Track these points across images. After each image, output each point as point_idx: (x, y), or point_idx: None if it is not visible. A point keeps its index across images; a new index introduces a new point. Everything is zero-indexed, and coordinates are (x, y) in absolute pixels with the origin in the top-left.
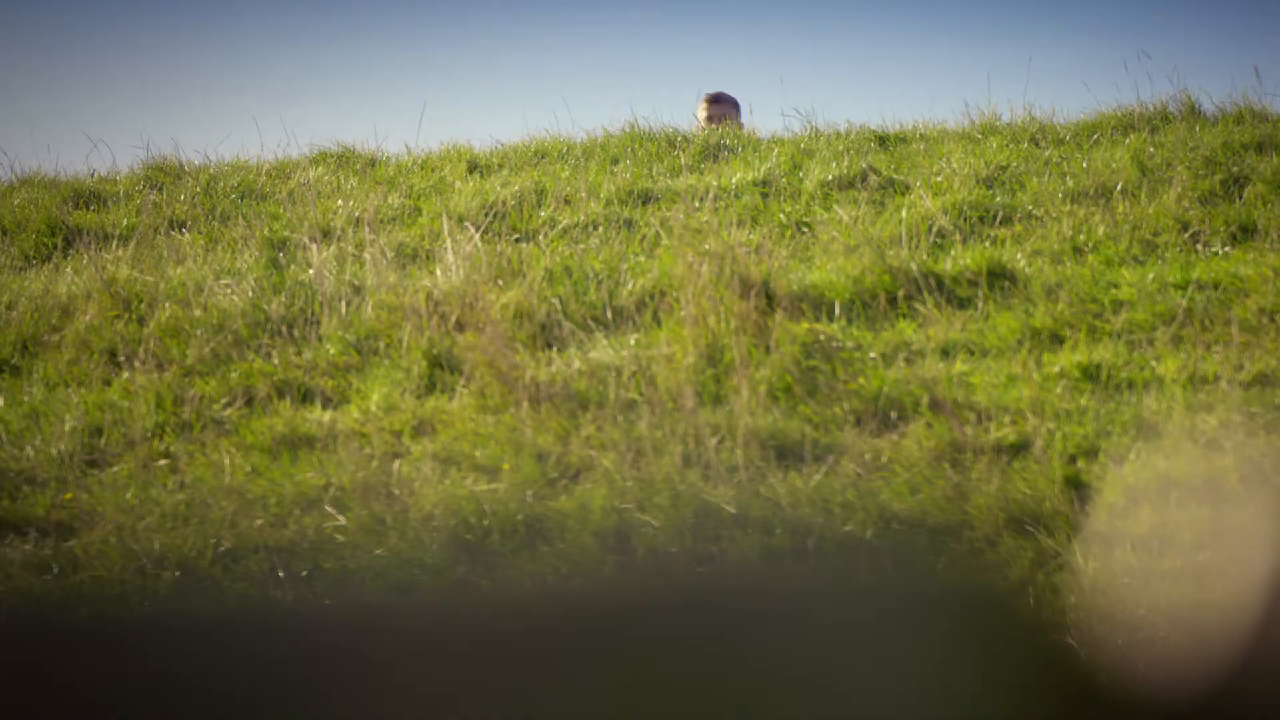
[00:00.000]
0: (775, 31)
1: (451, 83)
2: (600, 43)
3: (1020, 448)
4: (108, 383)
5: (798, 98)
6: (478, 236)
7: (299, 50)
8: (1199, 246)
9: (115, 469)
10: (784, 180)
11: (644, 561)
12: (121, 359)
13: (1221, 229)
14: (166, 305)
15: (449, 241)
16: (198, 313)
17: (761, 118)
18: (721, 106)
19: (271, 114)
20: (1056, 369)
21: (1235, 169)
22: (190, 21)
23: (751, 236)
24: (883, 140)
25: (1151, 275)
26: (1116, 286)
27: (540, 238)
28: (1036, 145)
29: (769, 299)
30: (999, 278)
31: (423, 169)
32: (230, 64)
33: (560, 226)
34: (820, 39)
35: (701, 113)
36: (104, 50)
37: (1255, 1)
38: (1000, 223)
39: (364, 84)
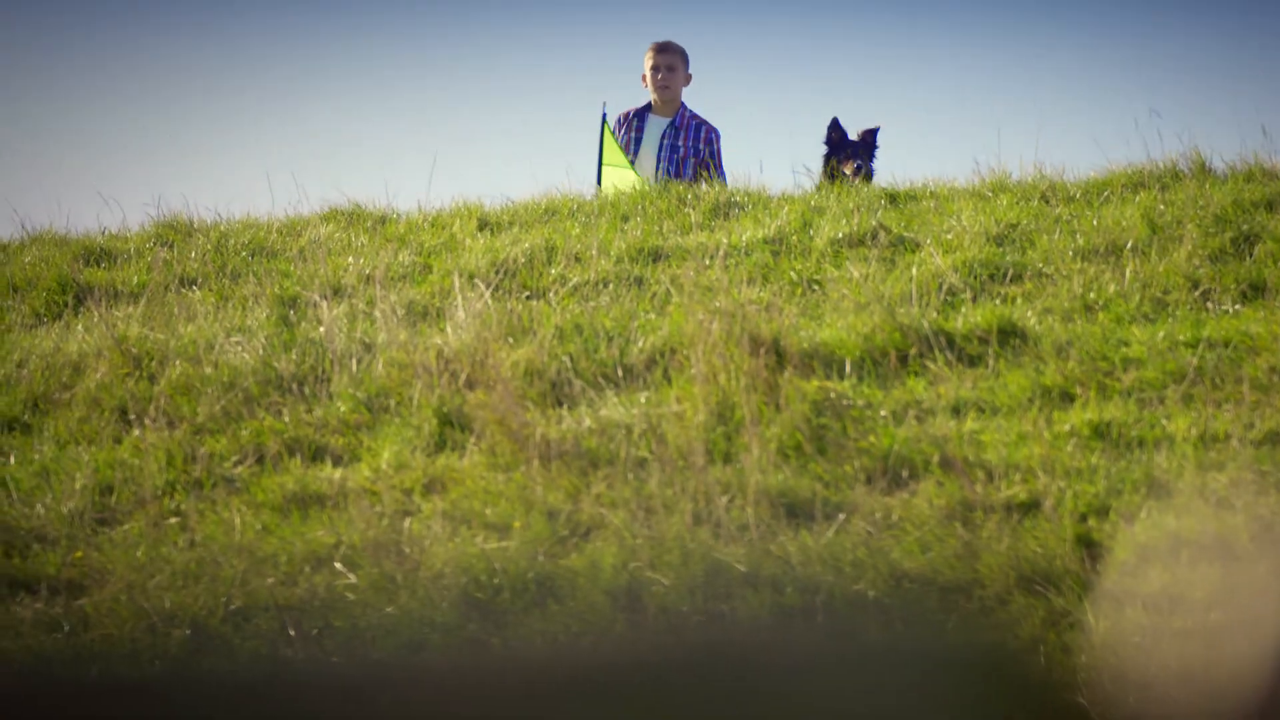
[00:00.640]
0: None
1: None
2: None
3: (1031, 506)
4: (118, 440)
5: (808, 155)
6: (488, 294)
7: (311, 107)
8: (1209, 304)
9: (126, 527)
10: (794, 238)
11: (655, 620)
12: (132, 417)
13: (1232, 287)
14: (177, 363)
15: (460, 299)
16: (208, 370)
17: (772, 174)
18: (668, 56)
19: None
20: (1067, 427)
21: (1246, 227)
22: (202, 77)
23: (762, 294)
24: (893, 198)
25: (1162, 333)
26: (1127, 344)
27: (551, 295)
28: (1047, 203)
29: (779, 357)
30: (1009, 335)
31: (433, 226)
32: (242, 121)
33: (571, 284)
34: (830, 96)
35: (648, 63)
36: (115, 107)
37: (1265, 60)
38: (1011, 280)
39: (375, 141)
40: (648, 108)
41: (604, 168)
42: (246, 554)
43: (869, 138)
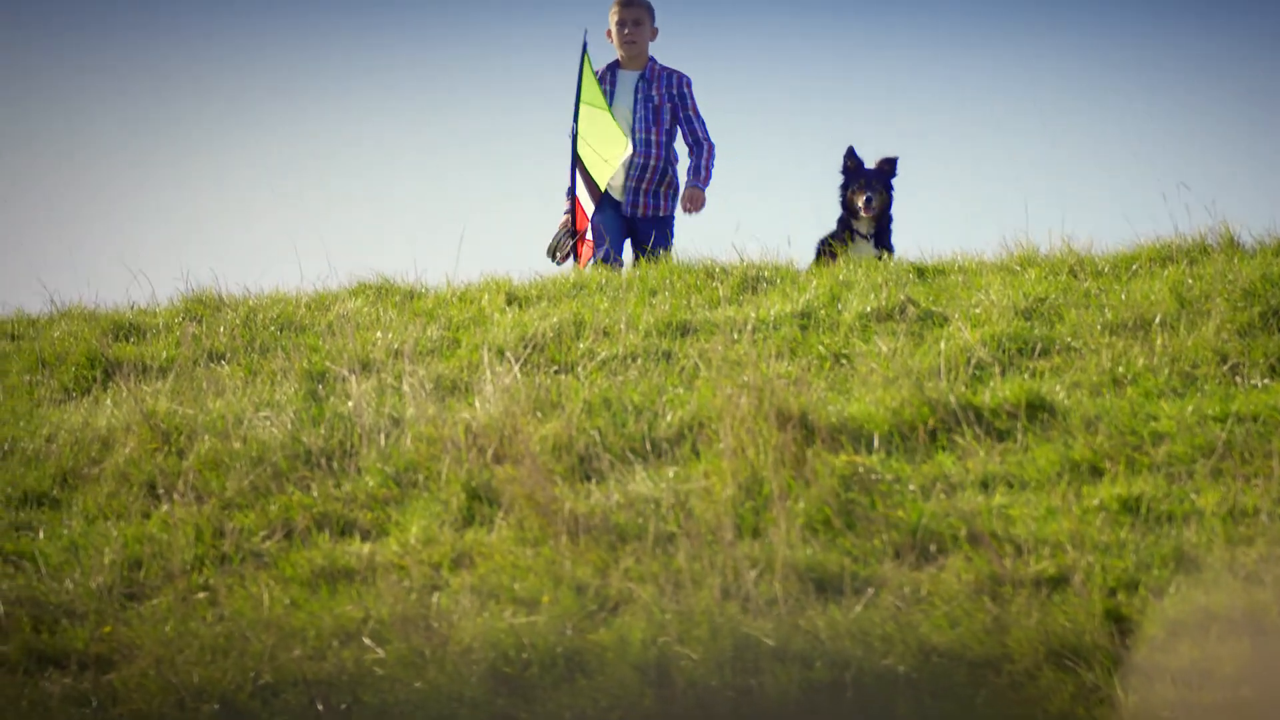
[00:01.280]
0: (808, 164)
1: (490, 215)
2: None
3: (1060, 581)
4: (147, 516)
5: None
6: (516, 368)
7: (339, 182)
8: (1238, 379)
9: (154, 602)
10: (822, 312)
11: (684, 695)
12: (161, 492)
13: (1261, 361)
14: (206, 438)
15: (488, 373)
16: (237, 445)
17: (800, 248)
18: (634, 10)
19: (312, 246)
20: (1096, 501)
21: (1274, 301)
22: (231, 153)
23: (790, 368)
24: (921, 272)
25: (1191, 408)
26: (1156, 419)
27: (579, 369)
28: (1075, 277)
29: (807, 431)
30: (1038, 410)
31: (461, 301)
32: (270, 196)
33: (599, 358)
34: None
35: (613, 18)
36: (145, 182)
37: None
38: (1039, 355)
39: (404, 216)
40: (615, 64)
41: (581, 105)
42: (275, 629)
43: (886, 167)
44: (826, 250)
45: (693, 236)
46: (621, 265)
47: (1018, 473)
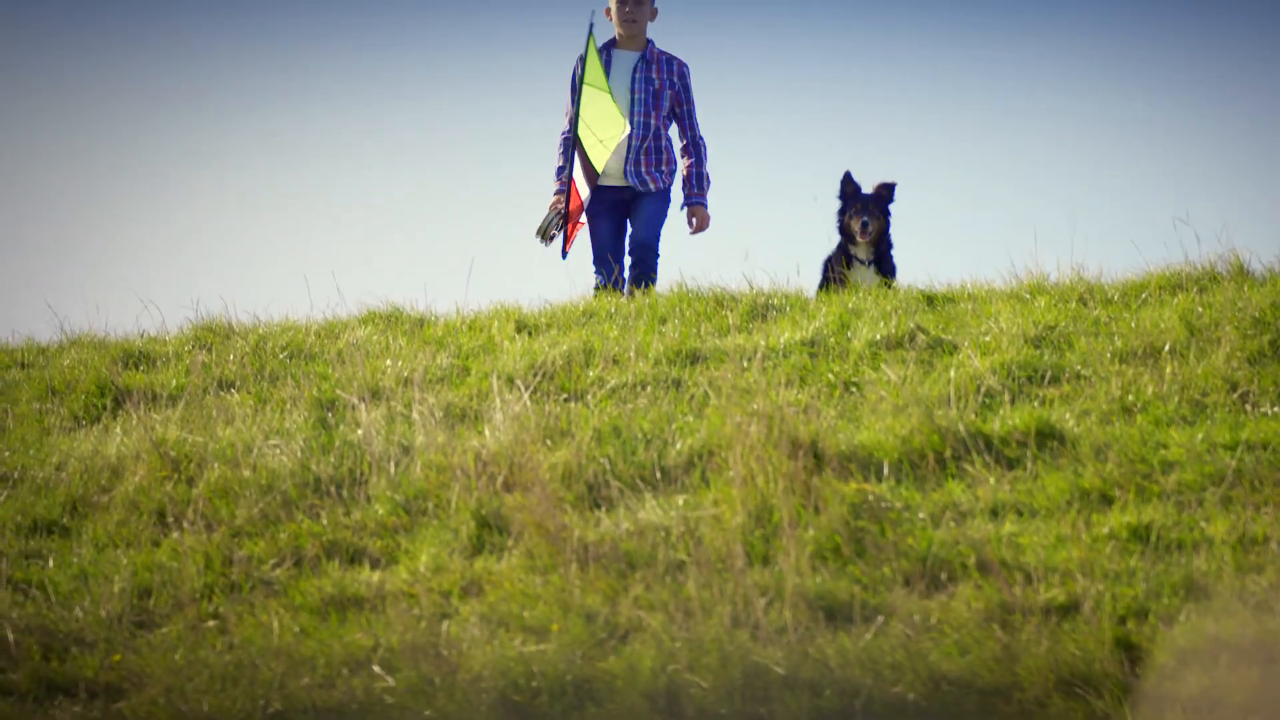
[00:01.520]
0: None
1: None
2: None
3: (1070, 609)
4: (156, 544)
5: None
6: (526, 396)
7: (349, 210)
8: (1248, 407)
9: (164, 630)
10: (832, 340)
11: None
12: (170, 520)
13: (1270, 389)
14: (215, 466)
15: (497, 401)
16: (246, 473)
17: (808, 277)
18: None
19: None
20: (1106, 529)
21: None
22: (241, 181)
23: (800, 396)
24: (930, 300)
25: (1200, 436)
26: (1165, 447)
27: (588, 397)
28: (1084, 305)
29: (817, 459)
30: (1047, 438)
31: (471, 329)
32: (280, 224)
33: (609, 386)
34: None
35: (612, 2)
36: (154, 210)
37: None
38: (1048, 383)
39: (413, 244)
40: (612, 43)
41: (584, 86)
42: (285, 657)
43: (884, 191)
44: (830, 273)
45: (703, 264)
46: (625, 280)
47: (1027, 501)
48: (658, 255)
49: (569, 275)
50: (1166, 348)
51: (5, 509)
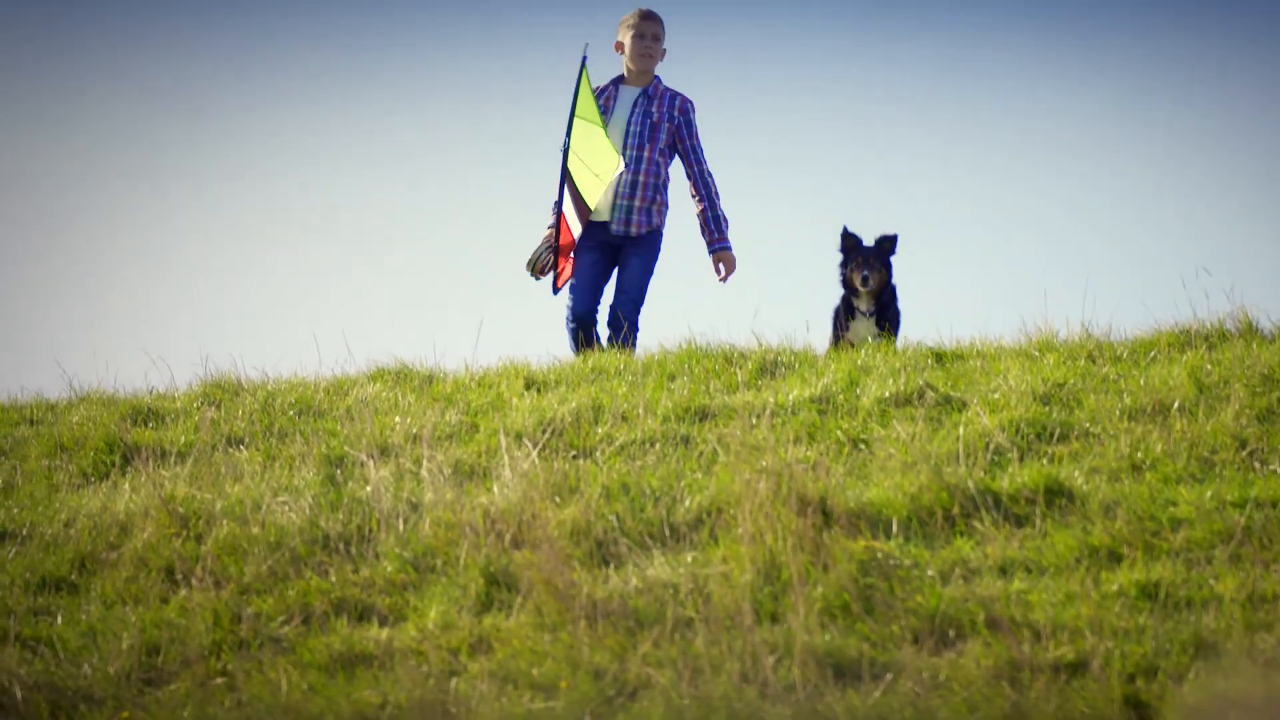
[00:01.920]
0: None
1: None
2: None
3: (1079, 666)
4: (165, 601)
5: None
6: (535, 453)
7: (358, 268)
8: (1257, 464)
9: (172, 687)
10: (841, 397)
11: None
12: (179, 577)
13: None
14: (224, 523)
15: (506, 458)
16: (255, 530)
17: (818, 334)
18: (655, 24)
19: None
20: (1115, 587)
21: None
22: (251, 238)
23: (808, 453)
24: (940, 357)
25: (1209, 493)
26: (1174, 504)
27: (597, 454)
28: (1094, 362)
29: (826, 516)
30: (1056, 495)
31: (480, 386)
32: (290, 281)
33: (617, 443)
34: None
35: (632, 30)
36: (164, 267)
37: None
38: (1057, 440)
39: (422, 301)
40: (620, 79)
41: (575, 119)
42: (293, 714)
43: (886, 244)
44: (838, 324)
45: (712, 321)
46: (595, 319)
47: (1036, 558)
48: (636, 327)
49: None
50: (1175, 405)
51: (14, 566)
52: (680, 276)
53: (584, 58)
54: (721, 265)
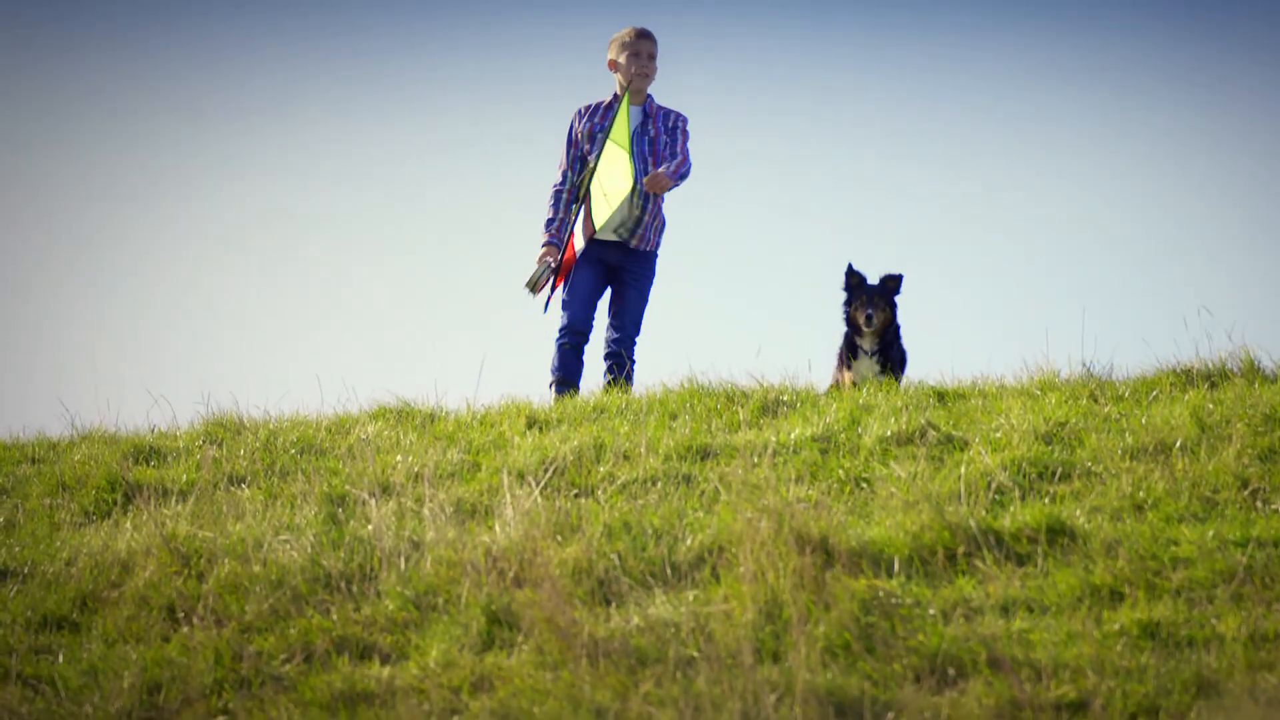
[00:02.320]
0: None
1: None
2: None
3: (1081, 706)
4: (166, 639)
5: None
6: (537, 492)
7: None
8: (1259, 504)
9: None
10: (842, 436)
11: None
12: (180, 615)
13: None
14: (225, 561)
15: (508, 497)
16: (257, 569)
17: (819, 374)
18: (651, 43)
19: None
20: (1116, 626)
21: None
22: (252, 276)
23: (810, 492)
24: (941, 396)
25: (1211, 533)
26: (1176, 544)
27: (599, 493)
28: (1095, 401)
29: (828, 555)
30: (1058, 534)
31: (482, 424)
32: (291, 319)
33: (619, 482)
34: None
35: (627, 49)
36: (166, 305)
37: None
38: (1059, 479)
39: (424, 340)
40: (614, 99)
41: (609, 142)
42: None
43: (891, 283)
44: (842, 360)
45: (713, 360)
46: (587, 337)
47: (1038, 597)
48: (633, 359)
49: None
50: (1177, 444)
51: (15, 604)
52: (682, 315)
53: (626, 88)
54: (653, 181)
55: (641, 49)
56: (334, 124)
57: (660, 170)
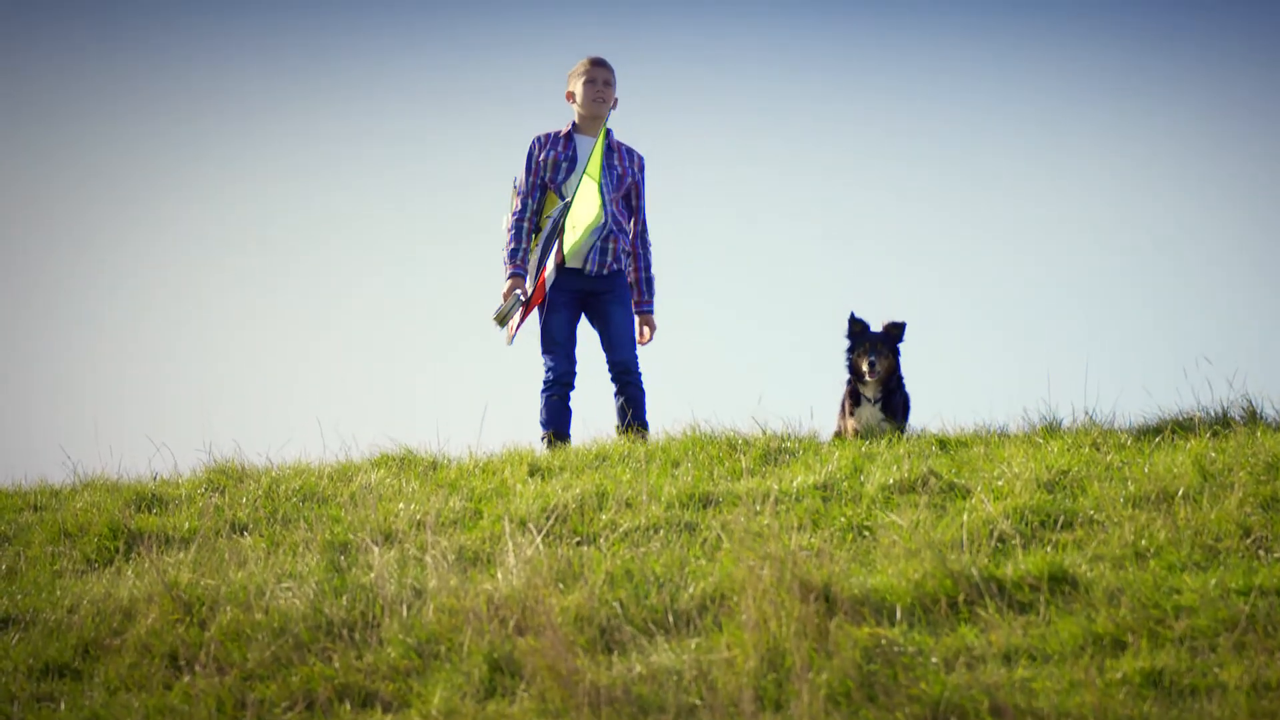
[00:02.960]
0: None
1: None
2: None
3: None
4: (169, 687)
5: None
6: (539, 539)
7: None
8: (1261, 552)
9: None
10: (845, 484)
11: None
12: (182, 663)
13: None
14: (228, 609)
15: (510, 545)
16: (259, 616)
17: (821, 421)
18: (607, 70)
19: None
20: (1119, 675)
21: None
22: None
23: (812, 540)
24: (943, 444)
25: (1214, 581)
26: (1179, 592)
27: (601, 541)
28: (1097, 449)
29: (830, 603)
30: (1060, 583)
31: (484, 472)
32: (294, 368)
33: (621, 530)
34: None
35: (582, 77)
36: (168, 354)
37: None
38: (1061, 527)
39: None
40: (574, 129)
41: (585, 177)
42: None
43: (894, 331)
44: (845, 408)
45: (715, 408)
46: (573, 384)
47: (1040, 646)
48: (640, 373)
49: (583, 420)
50: (1180, 493)
51: (17, 652)
52: (684, 362)
53: (609, 130)
54: (646, 329)
55: (596, 76)
56: (340, 174)
57: (649, 316)
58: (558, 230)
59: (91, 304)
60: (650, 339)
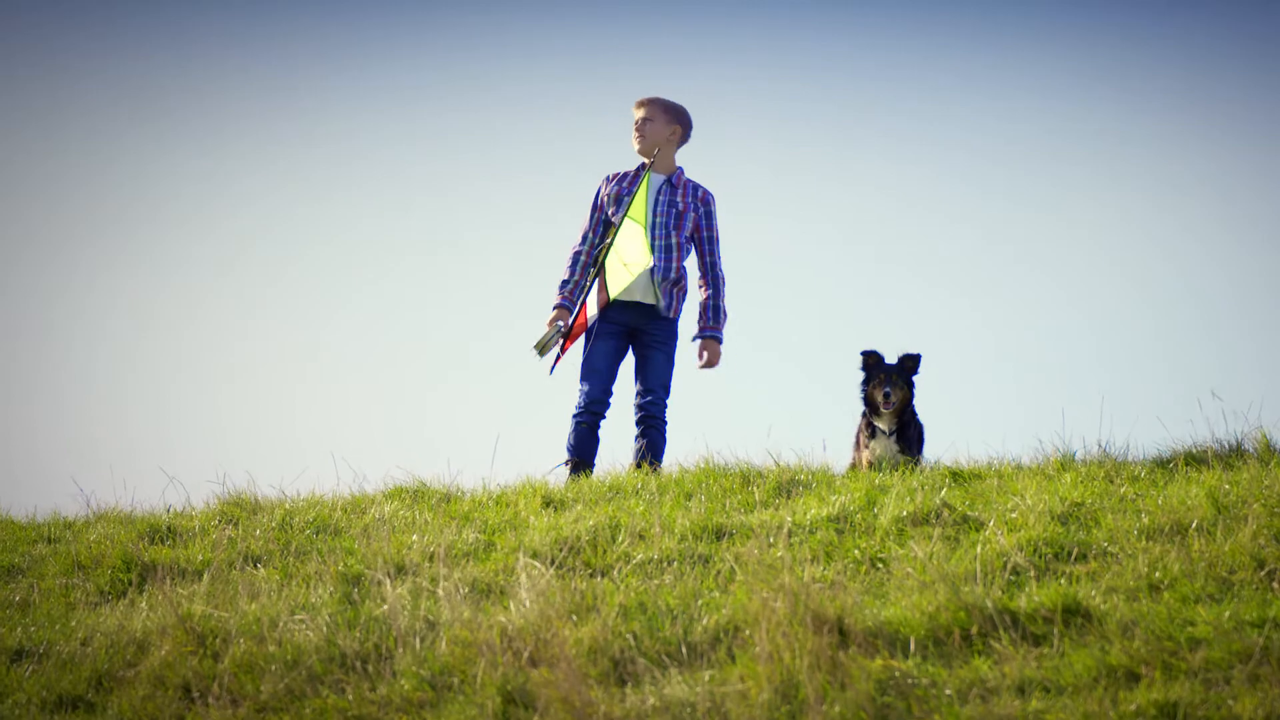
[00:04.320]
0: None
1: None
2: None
3: None
4: (182, 719)
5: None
6: (552, 572)
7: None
8: (1275, 585)
9: None
10: (858, 516)
11: None
12: (196, 695)
13: None
14: (241, 641)
15: (523, 577)
16: (272, 648)
17: (834, 452)
18: (642, 108)
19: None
20: (1133, 707)
21: None
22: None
23: (826, 572)
24: (957, 476)
25: (1228, 613)
26: (1193, 624)
27: (615, 573)
28: (1111, 482)
29: (843, 635)
30: (1074, 615)
31: (497, 504)
32: (307, 400)
33: (635, 562)
34: None
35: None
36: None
37: None
38: (1075, 560)
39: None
40: (641, 168)
41: (626, 219)
42: None
43: (909, 363)
44: (860, 441)
45: (728, 440)
46: (604, 414)
47: (1054, 678)
48: (665, 421)
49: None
50: (1193, 525)
51: (31, 684)
52: (698, 394)
53: (649, 164)
54: (705, 353)
55: (635, 115)
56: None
57: (715, 344)
58: (600, 266)
59: (105, 336)
60: (708, 364)
